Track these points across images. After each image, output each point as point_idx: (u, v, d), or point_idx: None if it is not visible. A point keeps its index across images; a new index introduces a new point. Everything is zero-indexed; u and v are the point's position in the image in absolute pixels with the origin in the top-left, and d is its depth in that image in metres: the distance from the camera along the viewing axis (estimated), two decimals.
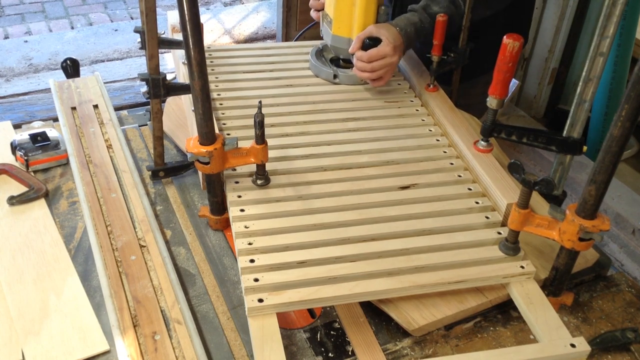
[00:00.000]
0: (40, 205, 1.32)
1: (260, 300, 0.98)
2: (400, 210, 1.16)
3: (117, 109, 1.69)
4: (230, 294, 1.15)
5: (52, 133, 1.47)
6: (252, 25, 3.75)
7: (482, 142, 1.27)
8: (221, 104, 1.41)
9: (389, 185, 1.22)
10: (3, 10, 4.04)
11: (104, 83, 1.72)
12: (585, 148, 1.20)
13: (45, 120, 1.62)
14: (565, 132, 1.19)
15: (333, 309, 1.11)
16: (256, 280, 1.00)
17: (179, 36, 1.50)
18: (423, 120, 1.42)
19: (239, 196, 1.16)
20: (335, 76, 1.51)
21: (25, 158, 1.40)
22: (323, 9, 1.53)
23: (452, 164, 1.29)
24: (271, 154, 1.20)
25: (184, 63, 1.48)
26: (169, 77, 1.30)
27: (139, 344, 1.03)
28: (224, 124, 1.34)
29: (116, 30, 3.76)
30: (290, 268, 1.03)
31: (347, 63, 1.52)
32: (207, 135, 1.10)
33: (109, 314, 1.07)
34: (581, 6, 2.63)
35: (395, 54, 1.38)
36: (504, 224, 1.14)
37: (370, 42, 1.39)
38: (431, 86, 1.48)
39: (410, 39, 1.42)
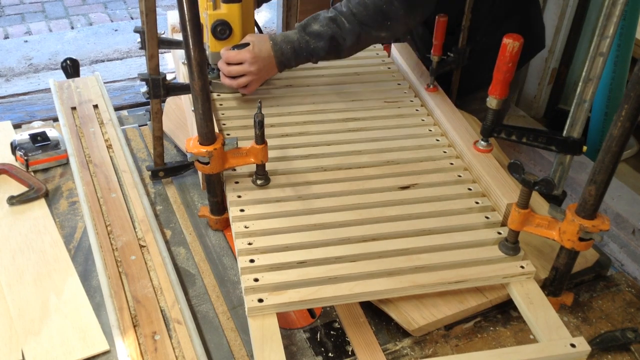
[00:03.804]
0: (40, 205, 1.32)
1: (260, 300, 0.98)
2: (400, 210, 1.16)
3: (117, 109, 1.69)
4: (230, 294, 1.15)
5: (52, 133, 1.47)
6: None
7: (482, 142, 1.27)
8: (221, 104, 1.41)
9: (389, 185, 1.22)
10: (3, 10, 4.04)
11: (104, 83, 1.72)
12: (585, 148, 1.20)
13: (45, 120, 1.62)
14: (565, 132, 1.19)
15: (333, 309, 1.11)
16: (256, 280, 1.00)
17: (179, 36, 1.50)
18: (423, 120, 1.42)
19: (239, 196, 1.16)
20: (209, 82, 1.41)
21: (25, 158, 1.40)
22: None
23: (452, 164, 1.28)
24: (271, 154, 1.20)
25: (184, 63, 1.48)
26: (169, 77, 1.31)
27: (139, 344, 1.03)
28: (224, 124, 1.34)
29: (116, 30, 3.76)
30: (290, 268, 1.03)
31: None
32: (207, 135, 1.10)
33: (109, 314, 1.07)
34: (581, 6, 2.63)
35: (255, 63, 1.30)
36: (504, 224, 1.14)
37: (237, 48, 1.32)
38: (431, 86, 1.48)
39: (287, 57, 1.33)
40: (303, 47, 1.32)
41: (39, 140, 1.44)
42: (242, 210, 1.13)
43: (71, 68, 1.79)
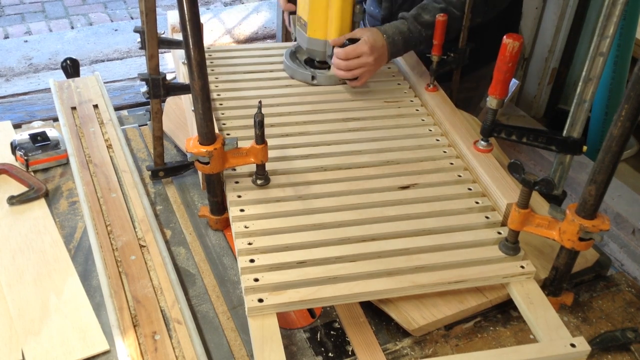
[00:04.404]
0: (40, 205, 1.32)
1: (260, 300, 0.98)
2: (400, 210, 1.16)
3: (117, 109, 1.69)
4: (230, 294, 1.15)
5: (52, 133, 1.47)
6: (252, 25, 3.75)
7: (482, 142, 1.27)
8: (221, 104, 1.41)
9: (389, 185, 1.22)
10: (3, 10, 4.04)
11: (104, 83, 1.72)
12: (585, 148, 1.20)
13: (45, 120, 1.62)
14: (565, 132, 1.19)
15: (333, 309, 1.11)
16: (256, 280, 1.00)
17: (179, 36, 1.50)
18: (423, 120, 1.42)
19: (239, 196, 1.16)
20: (313, 77, 1.50)
21: (25, 158, 1.40)
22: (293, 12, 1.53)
23: (452, 164, 1.29)
24: (271, 154, 1.20)
25: (184, 63, 1.48)
26: (169, 77, 1.30)
27: (139, 344, 1.03)
28: (224, 124, 1.34)
29: (116, 30, 3.76)
30: (290, 268, 1.03)
31: (323, 64, 1.52)
32: (207, 135, 1.10)
33: (109, 314, 1.07)
34: (581, 6, 2.63)
35: (372, 54, 1.37)
36: (504, 224, 1.14)
37: (349, 43, 1.39)
38: (431, 86, 1.48)
39: (397, 47, 1.41)
40: (414, 37, 1.42)
41: (39, 140, 1.44)
42: (242, 210, 1.13)
43: (71, 68, 1.79)
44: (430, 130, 1.38)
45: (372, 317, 1.09)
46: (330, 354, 1.04)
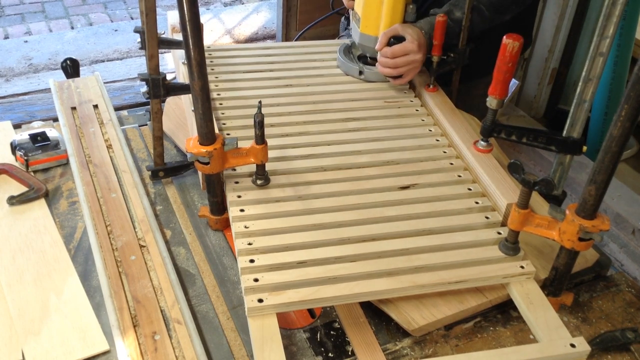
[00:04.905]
0: (40, 205, 1.32)
1: (260, 301, 0.98)
2: (400, 210, 1.16)
3: (117, 109, 1.69)
4: (230, 294, 1.15)
5: (52, 133, 1.47)
6: (252, 26, 3.75)
7: (482, 142, 1.27)
8: (221, 104, 1.41)
9: (389, 185, 1.22)
10: (3, 10, 4.04)
11: (104, 83, 1.72)
12: (585, 148, 1.20)
13: (45, 120, 1.62)
14: (565, 132, 1.19)
15: (333, 309, 1.11)
16: (256, 280, 1.00)
17: (179, 36, 1.50)
18: (423, 120, 1.42)
19: (239, 196, 1.16)
20: (360, 72, 1.53)
21: (25, 158, 1.40)
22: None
23: (452, 164, 1.29)
24: (271, 154, 1.20)
25: (184, 63, 1.49)
26: (169, 77, 1.30)
27: (139, 344, 1.03)
28: (224, 124, 1.34)
29: (116, 30, 3.76)
30: (290, 268, 1.03)
31: (374, 61, 1.53)
32: (207, 135, 1.10)
33: (109, 314, 1.07)
34: (581, 6, 2.63)
35: (420, 51, 1.39)
36: (503, 224, 1.14)
37: (395, 41, 1.40)
38: (431, 86, 1.48)
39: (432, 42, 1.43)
40: (447, 33, 1.39)
41: (39, 140, 1.44)
42: (242, 210, 1.13)
43: (71, 68, 1.79)
44: (430, 131, 1.38)
45: (372, 317, 1.09)
46: (330, 354, 1.04)
